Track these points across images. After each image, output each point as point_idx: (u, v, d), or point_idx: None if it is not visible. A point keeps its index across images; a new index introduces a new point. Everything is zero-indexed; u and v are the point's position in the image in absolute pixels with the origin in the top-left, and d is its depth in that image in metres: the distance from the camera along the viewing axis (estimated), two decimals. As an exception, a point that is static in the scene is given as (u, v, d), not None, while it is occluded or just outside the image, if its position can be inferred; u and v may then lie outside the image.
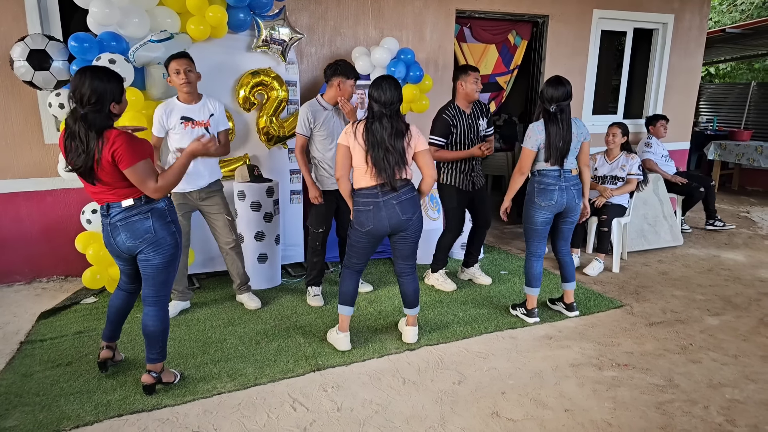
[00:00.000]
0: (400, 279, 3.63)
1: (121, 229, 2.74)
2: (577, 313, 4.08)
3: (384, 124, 3.27)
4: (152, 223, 2.76)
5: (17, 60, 3.90)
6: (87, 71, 2.60)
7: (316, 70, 5.34)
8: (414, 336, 3.66)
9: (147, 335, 2.96)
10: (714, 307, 4.31)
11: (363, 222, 3.37)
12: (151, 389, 3.00)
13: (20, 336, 3.73)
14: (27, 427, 2.71)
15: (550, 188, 3.78)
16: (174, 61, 3.67)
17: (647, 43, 7.14)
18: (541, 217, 3.85)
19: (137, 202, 2.74)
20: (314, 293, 4.32)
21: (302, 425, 2.76)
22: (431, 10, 5.69)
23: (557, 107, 3.70)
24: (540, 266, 3.97)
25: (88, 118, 2.57)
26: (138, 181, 2.64)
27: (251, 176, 4.43)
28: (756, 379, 3.25)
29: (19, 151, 4.53)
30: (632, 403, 2.97)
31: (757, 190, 9.57)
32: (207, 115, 3.84)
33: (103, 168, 2.61)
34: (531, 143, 3.76)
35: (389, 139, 3.27)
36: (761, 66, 14.33)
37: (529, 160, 3.80)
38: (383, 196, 3.32)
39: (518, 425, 2.78)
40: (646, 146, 6.38)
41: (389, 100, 3.28)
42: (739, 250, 5.89)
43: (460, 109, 4.30)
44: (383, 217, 3.34)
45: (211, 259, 4.73)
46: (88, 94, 2.54)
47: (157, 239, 2.78)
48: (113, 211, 2.74)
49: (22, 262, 4.70)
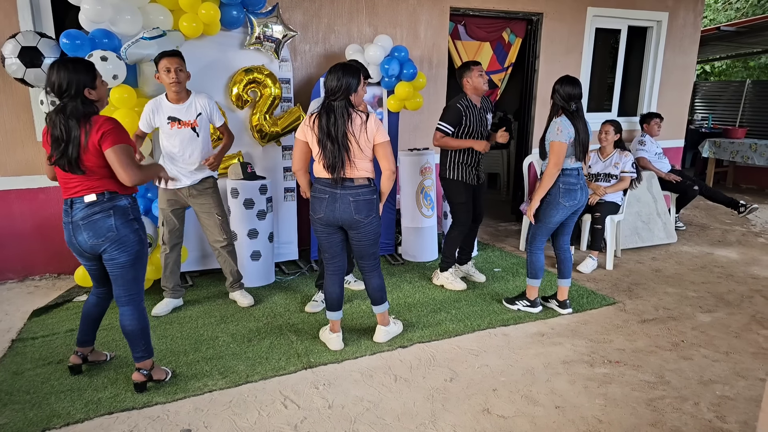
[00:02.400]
0: (363, 275, 3.59)
1: (83, 228, 2.72)
2: (570, 311, 4.09)
3: (331, 115, 3.14)
4: (114, 221, 2.74)
5: (8, 57, 3.88)
6: (56, 64, 2.67)
7: (310, 67, 5.33)
8: (384, 336, 3.61)
9: (127, 335, 2.95)
10: (706, 304, 4.32)
11: (316, 209, 3.31)
12: (141, 387, 3.00)
13: (12, 334, 3.72)
14: (17, 425, 2.71)
15: (574, 188, 3.80)
16: (165, 59, 3.64)
17: (642, 40, 7.15)
18: (560, 217, 3.87)
19: (100, 198, 2.72)
20: (314, 298, 4.23)
21: (293, 422, 2.76)
22: (425, 7, 5.69)
23: (576, 105, 3.74)
24: (543, 258, 4.04)
25: (67, 107, 2.63)
26: (117, 161, 2.63)
27: (244, 174, 4.43)
28: (746, 375, 3.26)
29: (12, 149, 4.52)
30: (623, 400, 2.98)
31: (752, 187, 9.60)
32: (194, 114, 3.81)
33: (90, 151, 2.63)
34: (564, 136, 3.69)
35: (334, 131, 3.13)
36: (756, 64, 14.36)
37: (563, 153, 3.71)
38: (341, 189, 3.24)
39: (509, 422, 2.78)
40: (639, 144, 6.40)
41: (334, 88, 3.15)
42: (732, 248, 5.91)
43: (472, 102, 4.32)
44: (336, 209, 3.25)
45: (204, 257, 4.73)
46: (59, 83, 2.63)
47: (120, 237, 2.76)
48: (76, 208, 2.73)
49: (14, 259, 4.69)
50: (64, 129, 2.61)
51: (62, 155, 2.63)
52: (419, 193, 5.15)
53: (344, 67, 3.20)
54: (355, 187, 3.25)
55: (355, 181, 3.24)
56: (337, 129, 3.13)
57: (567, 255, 4.10)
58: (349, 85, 3.15)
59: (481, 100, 4.40)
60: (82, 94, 2.66)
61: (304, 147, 3.28)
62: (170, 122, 3.76)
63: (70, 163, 2.64)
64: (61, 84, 2.62)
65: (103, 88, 2.79)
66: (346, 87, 3.14)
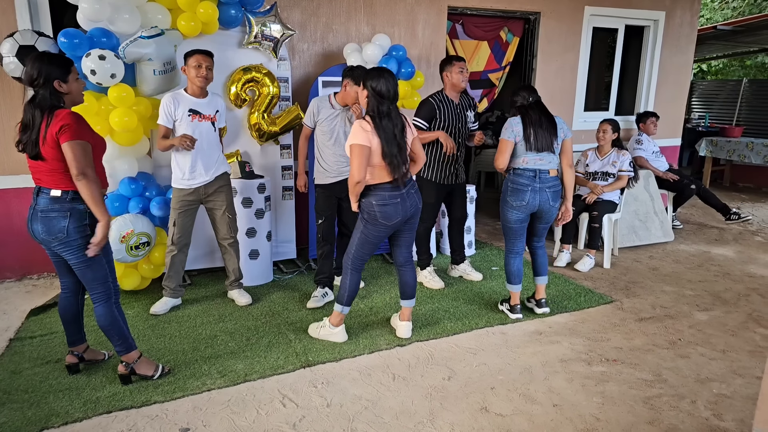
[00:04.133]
0: (402, 269, 3.63)
1: (39, 219, 2.76)
2: (546, 310, 4.04)
3: (393, 119, 3.26)
4: (67, 223, 2.75)
5: (6, 56, 3.88)
6: (34, 56, 2.75)
7: (308, 66, 5.33)
8: (408, 331, 3.67)
9: (101, 329, 3.00)
10: (703, 303, 4.34)
11: (390, 215, 3.34)
12: (125, 379, 3.05)
13: (10, 333, 3.72)
14: (15, 424, 2.71)
15: (523, 188, 3.76)
16: (199, 56, 3.75)
17: (639, 39, 7.17)
18: (514, 216, 3.84)
19: (64, 195, 2.75)
20: (314, 293, 4.24)
21: (292, 421, 2.77)
22: (423, 6, 5.69)
23: (533, 99, 3.80)
24: (519, 263, 3.97)
25: (36, 96, 2.72)
26: (70, 155, 2.65)
27: (242, 173, 4.43)
28: (743, 373, 3.27)
29: (9, 147, 4.50)
30: (620, 398, 2.99)
31: (748, 186, 9.63)
32: (213, 110, 3.91)
33: (47, 143, 2.67)
34: (507, 133, 3.77)
35: (399, 135, 3.28)
36: (753, 63, 14.38)
37: (506, 150, 3.77)
38: (405, 188, 3.36)
39: (507, 420, 2.79)
40: (636, 143, 6.41)
41: (390, 94, 3.26)
42: (729, 246, 5.93)
43: (447, 97, 4.34)
44: (408, 207, 3.39)
45: (203, 256, 4.73)
46: (31, 74, 2.70)
47: (69, 241, 2.77)
48: (40, 198, 2.77)
49: (12, 259, 4.69)
50: (30, 117, 2.70)
51: (27, 142, 2.70)
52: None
53: (386, 72, 3.30)
54: (411, 181, 3.45)
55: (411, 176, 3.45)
56: (398, 132, 3.28)
57: (539, 252, 4.05)
58: (397, 91, 3.30)
59: (461, 97, 4.41)
60: (51, 86, 2.71)
61: (369, 153, 3.24)
62: (191, 115, 3.81)
63: (32, 150, 2.70)
64: (32, 74, 2.69)
65: (76, 84, 2.84)
66: (395, 92, 3.28)
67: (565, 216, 3.98)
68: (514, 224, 3.87)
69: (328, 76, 5.02)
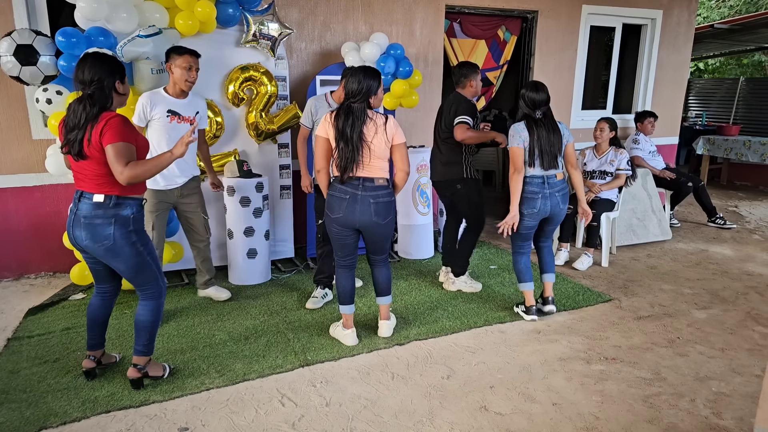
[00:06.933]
0: (372, 267, 3.62)
1: (83, 226, 2.72)
2: (553, 308, 4.02)
3: (354, 116, 3.19)
4: (113, 230, 2.72)
5: (4, 55, 3.86)
6: (89, 56, 2.74)
7: (306, 65, 5.32)
8: (389, 330, 3.65)
9: (136, 325, 2.97)
10: (702, 301, 4.34)
11: (334, 208, 3.31)
12: (138, 383, 3.00)
13: (7, 332, 3.71)
14: (13, 424, 2.70)
15: (534, 197, 3.75)
16: (190, 56, 3.69)
17: (636, 38, 7.17)
18: (526, 224, 3.83)
19: (107, 200, 2.71)
20: (314, 294, 4.23)
21: (291, 420, 2.76)
22: (421, 5, 5.69)
23: (541, 113, 3.73)
24: (526, 260, 3.96)
25: (94, 96, 2.67)
26: (113, 159, 2.62)
27: (240, 172, 4.42)
28: (742, 372, 3.28)
29: (7, 147, 4.50)
30: (619, 397, 2.99)
31: (745, 184, 9.65)
32: (193, 112, 3.84)
33: (93, 144, 2.63)
34: (516, 141, 3.72)
35: (353, 132, 3.18)
36: (750, 61, 14.41)
37: (520, 158, 3.71)
38: (363, 191, 3.27)
39: (506, 419, 2.79)
40: (633, 143, 6.43)
41: (355, 90, 3.20)
42: (727, 244, 5.94)
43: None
44: (356, 211, 3.27)
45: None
46: (92, 73, 2.66)
47: (115, 248, 2.75)
48: (83, 203, 2.73)
49: (9, 258, 4.68)
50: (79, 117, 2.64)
51: (73, 141, 2.66)
52: (415, 190, 5.16)
53: (365, 70, 3.26)
54: (376, 188, 3.28)
55: (375, 182, 3.28)
56: (353, 131, 3.18)
57: (546, 250, 4.05)
58: (370, 88, 3.22)
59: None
60: (106, 86, 2.70)
61: (326, 144, 3.28)
62: (170, 116, 3.74)
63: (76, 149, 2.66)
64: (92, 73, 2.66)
65: (127, 85, 2.86)
66: (366, 89, 3.21)
67: (586, 217, 4.03)
68: (525, 231, 3.87)
69: (326, 75, 5.01)
